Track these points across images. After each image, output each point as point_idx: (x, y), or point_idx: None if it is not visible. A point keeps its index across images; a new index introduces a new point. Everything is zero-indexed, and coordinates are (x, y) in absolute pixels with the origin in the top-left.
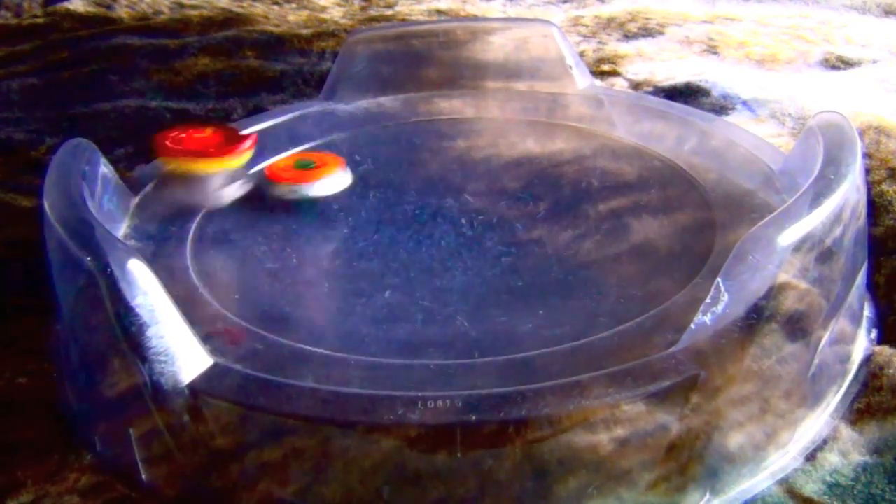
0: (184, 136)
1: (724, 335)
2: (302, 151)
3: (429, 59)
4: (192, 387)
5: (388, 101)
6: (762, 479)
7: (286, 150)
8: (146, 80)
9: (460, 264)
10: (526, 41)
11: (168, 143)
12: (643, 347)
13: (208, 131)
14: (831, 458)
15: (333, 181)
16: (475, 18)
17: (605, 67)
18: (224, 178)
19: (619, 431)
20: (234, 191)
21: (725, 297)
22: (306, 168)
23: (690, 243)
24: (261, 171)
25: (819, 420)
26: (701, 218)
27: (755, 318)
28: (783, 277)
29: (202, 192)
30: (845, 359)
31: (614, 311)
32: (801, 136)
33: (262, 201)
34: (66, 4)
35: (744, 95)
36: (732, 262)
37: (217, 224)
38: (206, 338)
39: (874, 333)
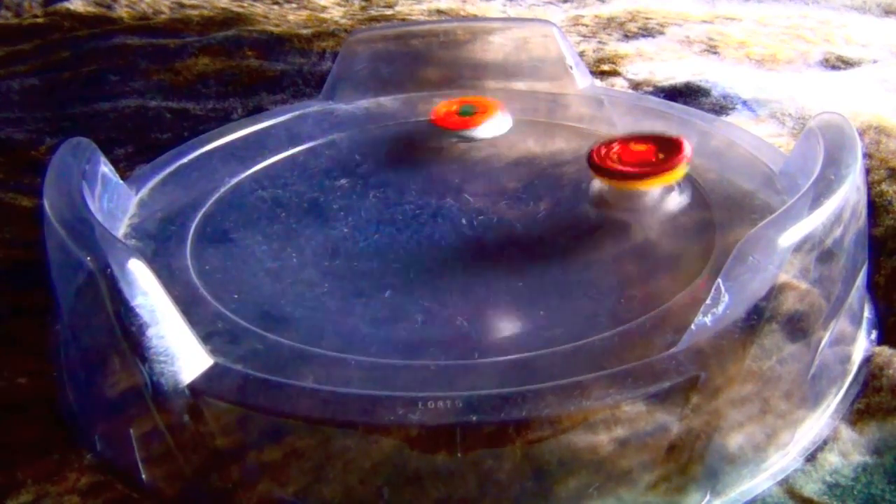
0: (620, 150)
1: (724, 336)
2: (462, 97)
3: (429, 59)
4: (193, 387)
5: (388, 101)
6: (762, 479)
7: (285, 150)
8: (146, 80)
9: (460, 264)
10: (526, 41)
11: (608, 162)
12: (643, 348)
13: (645, 145)
14: (831, 459)
15: (496, 124)
16: (475, 18)
17: (605, 67)
18: (662, 190)
19: (620, 432)
20: (672, 201)
21: (726, 298)
22: (469, 114)
23: (690, 244)
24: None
25: (819, 421)
26: (701, 218)
27: (755, 319)
28: (783, 278)
29: (642, 207)
30: (845, 359)
31: (614, 311)
32: (802, 137)
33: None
34: (66, 4)
35: (744, 95)
36: (733, 263)
37: (217, 224)
38: (207, 338)
39: (874, 334)
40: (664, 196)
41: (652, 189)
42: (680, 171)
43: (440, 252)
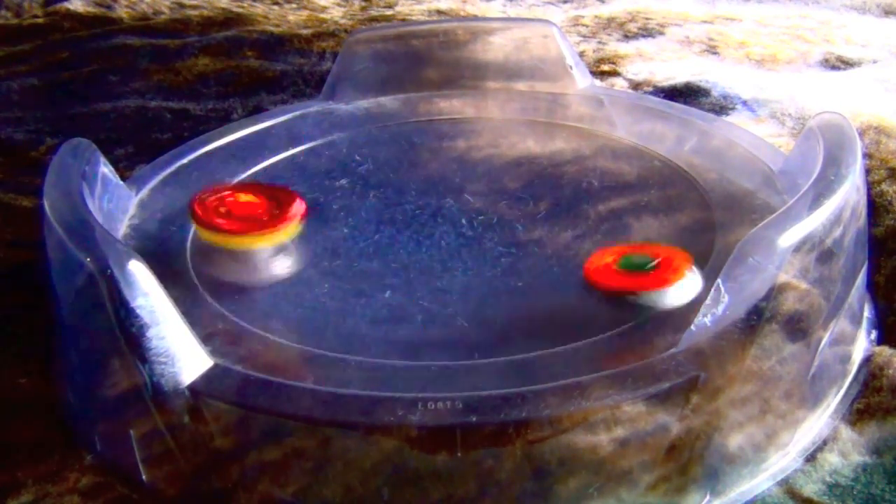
0: (227, 200)
1: (724, 336)
2: (629, 245)
3: (429, 59)
4: (193, 388)
5: (388, 101)
6: (762, 479)
7: (285, 150)
8: (146, 80)
9: (460, 264)
10: (526, 41)
11: (209, 213)
12: (643, 348)
13: (251, 196)
14: (831, 459)
15: (686, 288)
16: (475, 18)
17: (605, 67)
18: (274, 250)
19: (620, 432)
20: (286, 264)
21: (726, 299)
22: (642, 270)
23: (690, 244)
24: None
25: (819, 421)
26: (701, 218)
27: (755, 320)
28: (783, 278)
29: (248, 268)
30: (845, 359)
31: (614, 311)
32: (801, 137)
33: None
34: (66, 4)
35: (744, 95)
36: (733, 264)
37: None
38: (207, 338)
39: (874, 334)
40: (273, 258)
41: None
42: (290, 230)
43: (440, 252)
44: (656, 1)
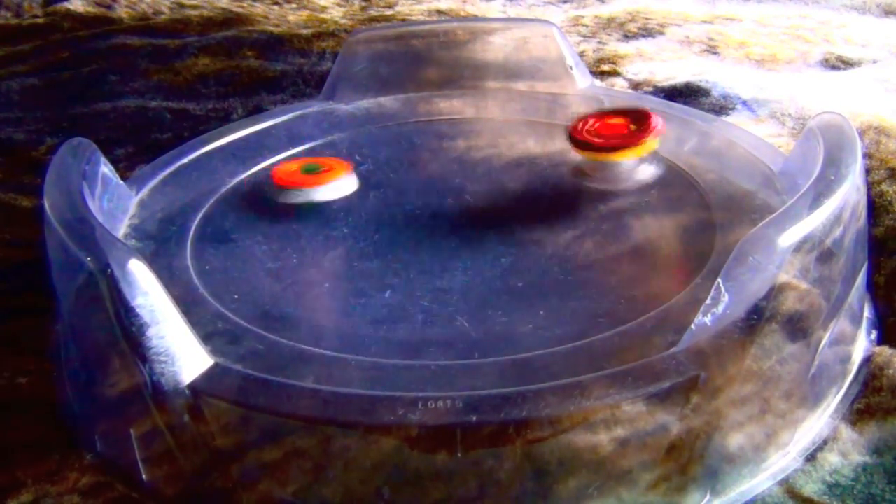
0: (597, 125)
1: (724, 336)
2: (306, 157)
3: (429, 59)
4: (193, 387)
5: (388, 101)
6: (762, 479)
7: (286, 150)
8: (146, 80)
9: (460, 264)
10: (526, 41)
11: (585, 136)
12: (643, 348)
13: (619, 119)
14: (831, 459)
15: (339, 185)
16: (475, 18)
17: (605, 67)
18: (636, 160)
19: (620, 432)
20: (646, 171)
21: (726, 298)
22: (313, 172)
23: (690, 244)
24: (266, 173)
25: (819, 421)
26: (701, 218)
27: (755, 319)
28: (783, 278)
29: (619, 177)
30: (845, 359)
31: (614, 311)
32: (801, 137)
33: (266, 203)
34: (66, 4)
35: (744, 95)
36: (733, 263)
37: (217, 224)
38: (207, 338)
39: (874, 334)
40: (637, 167)
41: (625, 160)
42: (650, 144)
43: (440, 252)
44: (656, 1)
